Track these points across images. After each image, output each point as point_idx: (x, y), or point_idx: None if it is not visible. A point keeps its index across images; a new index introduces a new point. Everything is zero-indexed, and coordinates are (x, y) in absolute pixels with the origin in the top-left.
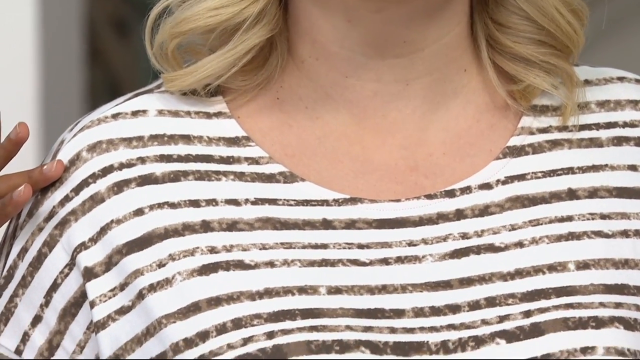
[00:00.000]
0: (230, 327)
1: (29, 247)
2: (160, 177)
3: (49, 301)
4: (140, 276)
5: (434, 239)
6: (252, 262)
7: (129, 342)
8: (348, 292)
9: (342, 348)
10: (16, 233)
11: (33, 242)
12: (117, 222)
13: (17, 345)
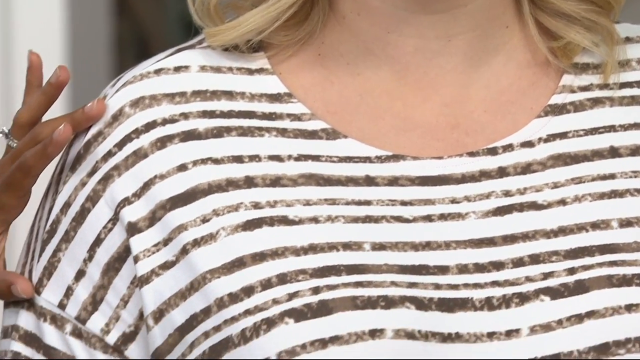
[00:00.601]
0: (276, 282)
1: (72, 202)
2: (204, 133)
3: (93, 256)
4: (184, 231)
5: (476, 196)
6: (296, 218)
7: (172, 296)
8: (392, 248)
9: (387, 303)
10: (59, 188)
11: (76, 197)
12: (160, 177)
13: (61, 299)
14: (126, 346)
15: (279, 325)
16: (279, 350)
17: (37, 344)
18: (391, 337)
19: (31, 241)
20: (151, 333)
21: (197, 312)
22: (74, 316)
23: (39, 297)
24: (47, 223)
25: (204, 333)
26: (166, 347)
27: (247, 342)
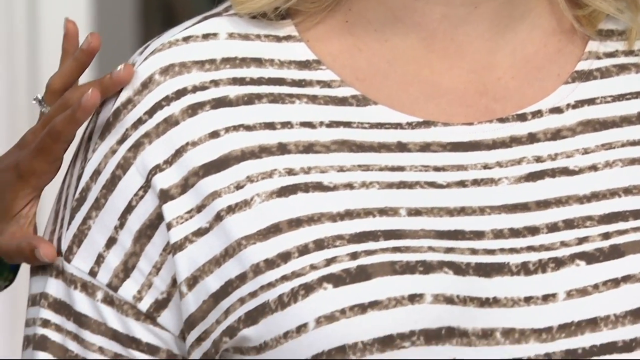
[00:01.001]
0: (313, 248)
1: (102, 169)
2: (234, 100)
3: (124, 223)
4: (218, 198)
5: (508, 162)
6: (330, 184)
7: (207, 263)
8: (427, 213)
9: (425, 269)
10: (87, 155)
11: (106, 164)
12: (192, 144)
13: (91, 267)
14: (159, 313)
15: (317, 291)
16: (318, 315)
17: (68, 312)
18: (430, 302)
19: (59, 209)
20: (184, 300)
21: (232, 278)
22: (105, 283)
23: (69, 264)
24: (76, 191)
25: (240, 299)
26: (200, 313)
27: (285, 308)
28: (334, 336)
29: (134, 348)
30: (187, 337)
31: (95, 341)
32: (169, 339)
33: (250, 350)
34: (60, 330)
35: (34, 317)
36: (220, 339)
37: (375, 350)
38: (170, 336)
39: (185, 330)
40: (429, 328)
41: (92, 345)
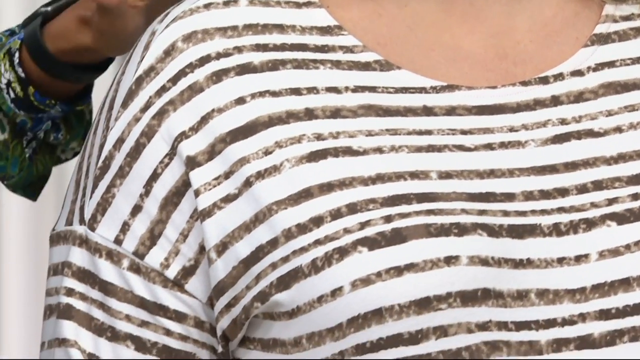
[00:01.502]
0: (345, 212)
1: (126, 137)
2: (259, 66)
3: (149, 191)
4: (247, 164)
5: (533, 124)
6: (360, 149)
7: (236, 229)
8: (458, 176)
9: (460, 231)
10: (109, 124)
11: (130, 132)
12: (218, 111)
13: (117, 235)
14: (186, 280)
15: (352, 254)
16: (353, 278)
17: (92, 280)
18: (466, 264)
19: (80, 178)
20: (213, 266)
21: (263, 243)
22: (131, 251)
23: (93, 233)
24: (98, 159)
25: (271, 264)
26: (229, 279)
27: (319, 272)
28: (370, 299)
29: (161, 315)
30: (215, 303)
31: (122, 309)
32: (196, 306)
33: (282, 315)
34: (84, 298)
35: (56, 286)
36: (251, 305)
37: (412, 313)
38: (198, 303)
39: (214, 297)
40: (465, 290)
41: (119, 313)
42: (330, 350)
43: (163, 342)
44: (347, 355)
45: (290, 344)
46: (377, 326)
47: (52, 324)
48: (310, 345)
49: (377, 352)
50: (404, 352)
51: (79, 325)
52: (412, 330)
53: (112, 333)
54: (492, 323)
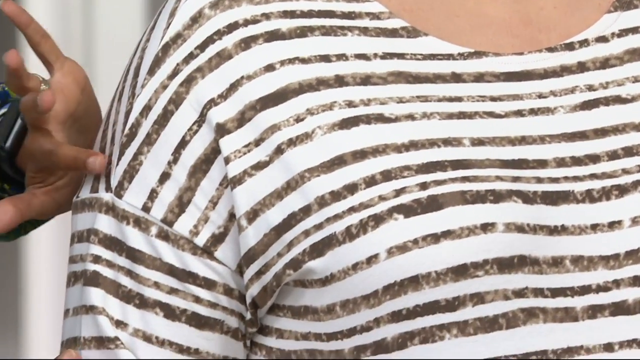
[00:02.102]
0: (380, 179)
1: (153, 105)
2: (287, 33)
3: (177, 158)
4: (278, 131)
5: (561, 91)
6: (392, 116)
7: (267, 196)
8: (490, 143)
9: (495, 198)
10: (136, 91)
11: (157, 100)
12: (247, 78)
13: (144, 202)
14: (215, 247)
15: (387, 221)
16: (389, 246)
17: (119, 247)
18: (502, 231)
19: (104, 146)
20: (243, 234)
21: (295, 211)
22: (159, 219)
23: (120, 200)
24: (125, 127)
25: (304, 231)
26: (260, 247)
27: (353, 239)
28: (406, 266)
29: (190, 282)
30: (245, 271)
31: (150, 276)
32: (225, 273)
33: (315, 282)
34: (112, 266)
35: (81, 253)
36: (282, 272)
37: (449, 280)
38: (227, 270)
39: (244, 264)
40: (501, 257)
41: (147, 280)
42: (365, 318)
43: (192, 309)
44: (383, 322)
45: (322, 311)
46: (413, 293)
47: (78, 291)
48: (344, 313)
49: (413, 319)
50: (440, 318)
51: (107, 293)
52: (449, 297)
53: (141, 300)
54: (529, 290)
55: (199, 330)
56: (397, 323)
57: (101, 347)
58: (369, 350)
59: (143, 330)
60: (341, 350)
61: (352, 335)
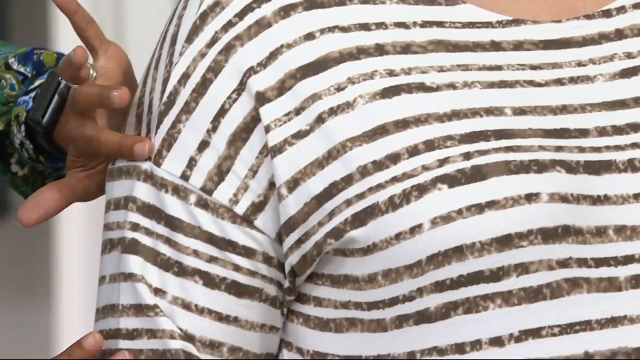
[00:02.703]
0: (423, 148)
1: (191, 73)
2: (326, 1)
3: (217, 126)
4: (318, 100)
5: (600, 58)
6: (433, 85)
7: (308, 165)
8: (532, 112)
9: (539, 167)
10: (173, 59)
11: (195, 68)
12: (287, 46)
13: (183, 170)
14: (255, 216)
15: (431, 192)
16: (433, 216)
17: (158, 215)
18: (546, 201)
19: (141, 113)
20: (284, 202)
21: (336, 180)
22: (198, 187)
23: (159, 168)
24: (163, 95)
25: (346, 201)
26: (301, 216)
27: (396, 209)
28: (450, 237)
29: (230, 251)
30: (284, 239)
31: (189, 244)
32: (265, 242)
33: (357, 251)
34: (150, 233)
35: (118, 220)
36: (323, 241)
37: (494, 250)
38: (267, 239)
39: (284, 233)
40: (546, 227)
41: (186, 249)
42: (407, 287)
43: (232, 278)
44: (426, 292)
45: (363, 280)
46: (457, 263)
47: (115, 259)
48: (386, 282)
49: (457, 289)
50: (484, 289)
51: (145, 260)
52: (493, 267)
53: (179, 268)
54: (572, 260)
55: (238, 299)
56: (441, 293)
57: (140, 314)
58: (412, 319)
59: (182, 298)
60: (382, 320)
61: (394, 304)
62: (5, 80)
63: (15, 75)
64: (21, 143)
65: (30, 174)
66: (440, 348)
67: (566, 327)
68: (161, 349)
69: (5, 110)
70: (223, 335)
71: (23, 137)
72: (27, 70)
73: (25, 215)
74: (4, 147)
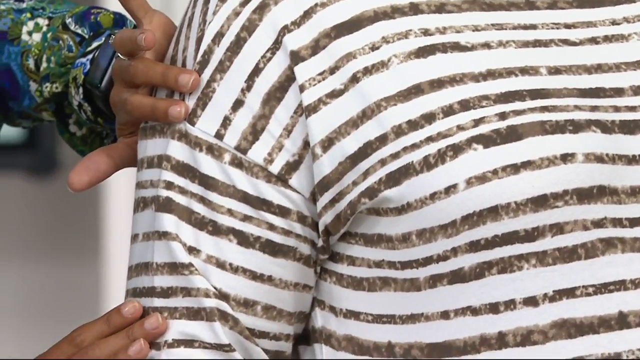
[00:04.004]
0: (458, 108)
1: (225, 32)
2: None
3: (251, 85)
4: (353, 59)
5: (634, 17)
6: (468, 44)
7: (343, 125)
8: (567, 71)
9: (575, 127)
10: (207, 18)
11: (229, 26)
12: (321, 5)
13: (218, 129)
14: (290, 175)
15: (466, 152)
16: (468, 176)
17: (192, 174)
18: (582, 161)
19: None
20: (318, 162)
21: (371, 139)
22: (233, 146)
23: (193, 127)
24: (197, 54)
25: (380, 160)
26: (335, 175)
27: (431, 169)
28: (485, 197)
29: (264, 210)
30: (318, 199)
31: (224, 203)
32: (299, 201)
33: (391, 211)
34: (184, 192)
35: (151, 179)
36: (357, 200)
37: (529, 210)
38: (301, 198)
39: (318, 192)
40: (581, 187)
41: (220, 207)
42: (442, 247)
43: (266, 237)
44: (460, 252)
45: (397, 240)
46: (492, 223)
47: (148, 217)
48: (420, 242)
49: (491, 249)
50: (519, 249)
51: (180, 219)
52: (528, 227)
53: (214, 227)
54: (607, 220)
55: (272, 257)
56: (475, 253)
57: (174, 273)
58: (445, 279)
59: (216, 257)
60: (416, 279)
61: (428, 264)
62: (63, 41)
63: (72, 37)
64: (79, 105)
65: (89, 134)
66: (474, 308)
67: (600, 287)
68: (196, 307)
69: (63, 72)
70: (257, 294)
71: (81, 99)
72: (84, 31)
73: (75, 179)
74: (63, 108)
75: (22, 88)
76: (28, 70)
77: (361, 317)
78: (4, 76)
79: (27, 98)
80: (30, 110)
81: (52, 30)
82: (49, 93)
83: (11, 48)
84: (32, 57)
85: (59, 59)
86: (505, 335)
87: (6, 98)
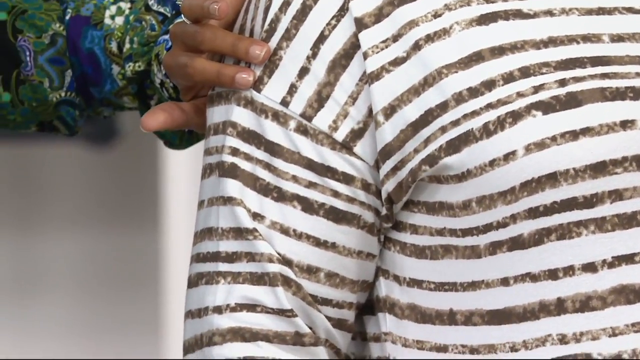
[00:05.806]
0: (518, 75)
1: (292, 0)
2: None
3: (316, 53)
4: (415, 27)
5: None
6: (530, 11)
7: (405, 92)
8: (630, 39)
9: (635, 94)
10: None
11: None
12: None
13: (283, 96)
14: (354, 142)
15: (525, 118)
16: (527, 142)
17: (258, 141)
18: None
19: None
20: (380, 129)
21: (432, 107)
22: (298, 113)
23: (259, 94)
24: (264, 22)
25: (441, 128)
26: (397, 142)
27: (491, 136)
28: (544, 163)
29: (329, 177)
30: (381, 166)
31: (289, 170)
32: (364, 168)
33: (451, 178)
34: (249, 158)
35: (217, 145)
36: (418, 168)
37: (588, 177)
38: (365, 165)
39: (380, 160)
40: None
41: (285, 174)
42: (501, 214)
43: (330, 204)
44: (519, 219)
45: (458, 207)
46: (551, 190)
47: (214, 182)
48: (480, 209)
49: (550, 216)
50: (578, 215)
51: (244, 185)
52: (587, 194)
53: (278, 193)
54: None
55: (336, 224)
56: (534, 219)
57: (239, 237)
58: (505, 246)
59: (280, 223)
60: (476, 246)
61: (488, 231)
62: (146, 22)
63: (155, 16)
64: (161, 82)
65: None
66: (533, 274)
67: None
68: (259, 272)
69: (145, 51)
70: (320, 261)
71: (163, 75)
72: (167, 10)
73: (148, 120)
74: (144, 89)
75: (104, 72)
76: (111, 53)
77: (424, 285)
78: (88, 61)
79: (109, 82)
80: (111, 96)
81: (134, 12)
82: (132, 72)
83: (94, 32)
84: (115, 40)
85: (141, 39)
86: (564, 301)
87: (88, 84)
